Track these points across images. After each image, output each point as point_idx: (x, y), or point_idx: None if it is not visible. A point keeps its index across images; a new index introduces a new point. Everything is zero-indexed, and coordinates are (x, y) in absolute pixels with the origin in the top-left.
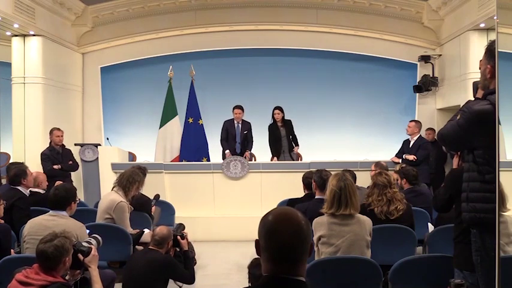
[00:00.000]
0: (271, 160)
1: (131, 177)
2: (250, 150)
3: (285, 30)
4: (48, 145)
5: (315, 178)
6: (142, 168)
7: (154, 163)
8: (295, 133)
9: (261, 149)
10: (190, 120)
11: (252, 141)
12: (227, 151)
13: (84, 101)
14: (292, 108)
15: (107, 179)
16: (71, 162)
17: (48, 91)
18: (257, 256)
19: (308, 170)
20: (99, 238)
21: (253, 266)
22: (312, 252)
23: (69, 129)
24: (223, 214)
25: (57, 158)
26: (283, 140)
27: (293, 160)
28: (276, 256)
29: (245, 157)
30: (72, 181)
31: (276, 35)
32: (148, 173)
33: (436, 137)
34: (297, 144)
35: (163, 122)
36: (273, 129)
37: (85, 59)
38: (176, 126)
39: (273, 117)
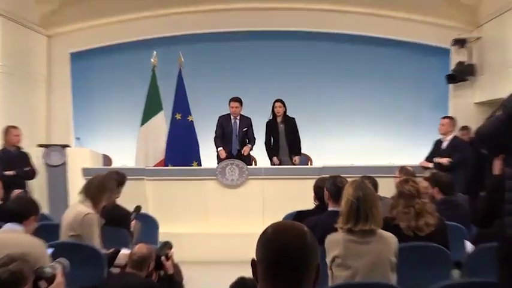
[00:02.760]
0: (271, 162)
1: (102, 185)
2: (251, 147)
3: (291, 10)
4: (0, 146)
5: (328, 186)
6: (120, 174)
7: (134, 168)
8: (300, 137)
9: (263, 151)
10: (178, 116)
11: (254, 141)
12: (220, 148)
13: (49, 93)
14: (300, 103)
15: (77, 187)
16: (27, 168)
17: (5, 81)
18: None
19: (320, 177)
20: (65, 262)
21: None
22: (318, 278)
23: (30, 127)
24: (217, 230)
25: (12, 162)
26: (281, 140)
27: (293, 164)
28: (273, 266)
29: (244, 152)
30: (26, 192)
31: (280, 15)
32: (127, 180)
33: (473, 137)
34: (297, 152)
35: (146, 118)
36: (271, 126)
37: (51, 43)
38: (161, 123)
39: (273, 111)
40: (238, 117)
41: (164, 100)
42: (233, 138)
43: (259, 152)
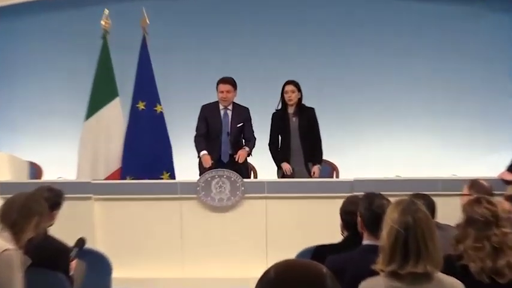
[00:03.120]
0: (279, 172)
1: (27, 207)
2: (249, 152)
3: None
4: None
5: (362, 210)
6: (54, 191)
7: (76, 182)
8: (321, 136)
9: (267, 156)
10: (141, 105)
11: (254, 142)
12: (203, 153)
13: None
14: (322, 88)
15: None
16: None
17: None
18: None
19: (350, 195)
20: None
21: None
22: None
23: None
24: (198, 274)
25: None
26: (293, 140)
27: (311, 177)
28: None
29: (238, 159)
30: None
31: None
32: (64, 200)
33: None
34: (317, 159)
35: (93, 109)
36: (279, 119)
37: None
38: (116, 116)
39: (282, 98)
40: (230, 107)
41: (121, 82)
42: (223, 138)
43: (261, 157)
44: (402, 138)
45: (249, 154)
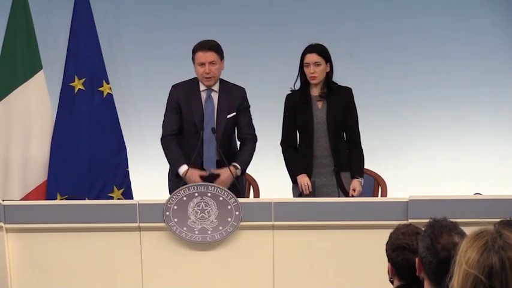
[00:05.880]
0: (295, 188)
1: None
2: (243, 168)
3: None
4: None
5: (422, 250)
6: None
7: None
8: (360, 131)
9: (274, 165)
10: (78, 84)
11: (254, 146)
12: (183, 168)
13: None
14: (356, 61)
15: None
16: None
17: None
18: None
19: (402, 224)
20: None
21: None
22: None
23: None
24: None
25: None
26: (318, 137)
27: (348, 194)
28: None
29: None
30: None
31: None
32: None
33: None
34: (357, 168)
35: (5, 89)
36: (296, 105)
37: None
38: (38, 100)
39: (301, 71)
40: (216, 87)
41: (44, 47)
42: (205, 137)
43: (264, 164)
44: (478, 141)
45: (243, 172)
